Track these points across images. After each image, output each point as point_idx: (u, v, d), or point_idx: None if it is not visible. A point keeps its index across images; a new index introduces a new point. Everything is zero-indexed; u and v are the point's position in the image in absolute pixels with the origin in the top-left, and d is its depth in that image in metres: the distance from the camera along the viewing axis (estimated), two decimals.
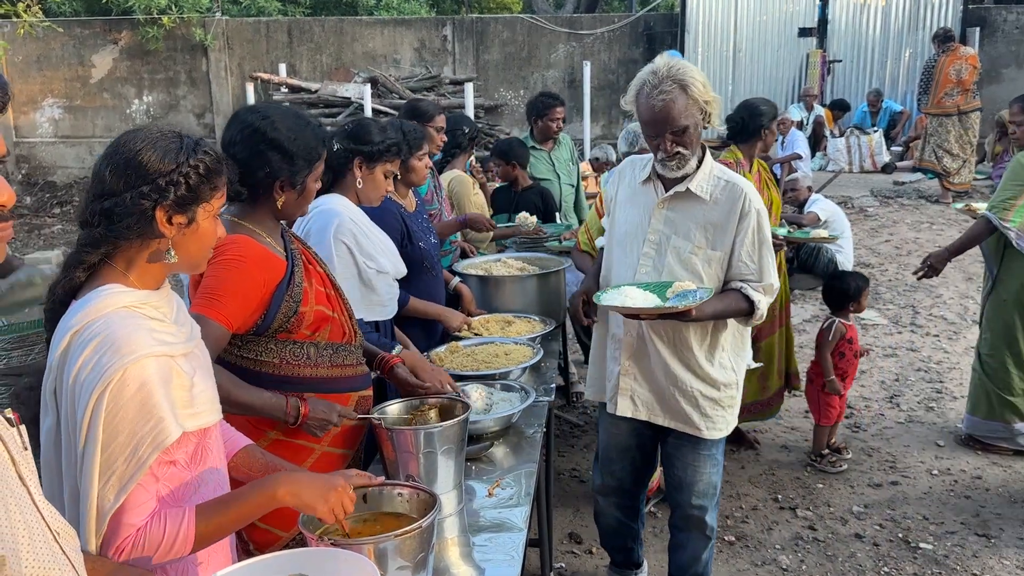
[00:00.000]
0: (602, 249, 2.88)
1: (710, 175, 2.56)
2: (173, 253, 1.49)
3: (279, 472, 1.64)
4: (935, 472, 4.09)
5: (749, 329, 2.74)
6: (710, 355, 2.63)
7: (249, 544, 2.08)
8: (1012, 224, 3.95)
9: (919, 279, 4.28)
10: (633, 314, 2.42)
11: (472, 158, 5.00)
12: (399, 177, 3.09)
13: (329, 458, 2.18)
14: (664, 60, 2.47)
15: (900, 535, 3.58)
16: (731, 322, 2.64)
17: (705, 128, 2.51)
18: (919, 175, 10.41)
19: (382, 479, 1.73)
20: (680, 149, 2.46)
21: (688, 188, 2.54)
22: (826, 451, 4.19)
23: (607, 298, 2.48)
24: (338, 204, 2.61)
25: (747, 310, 2.54)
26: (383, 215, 2.91)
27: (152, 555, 1.41)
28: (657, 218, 2.59)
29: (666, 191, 2.58)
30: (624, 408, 2.74)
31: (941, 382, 5.10)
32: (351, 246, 2.58)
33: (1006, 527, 3.61)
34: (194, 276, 2.06)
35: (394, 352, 2.50)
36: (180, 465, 1.49)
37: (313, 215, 2.54)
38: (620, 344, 2.69)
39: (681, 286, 2.45)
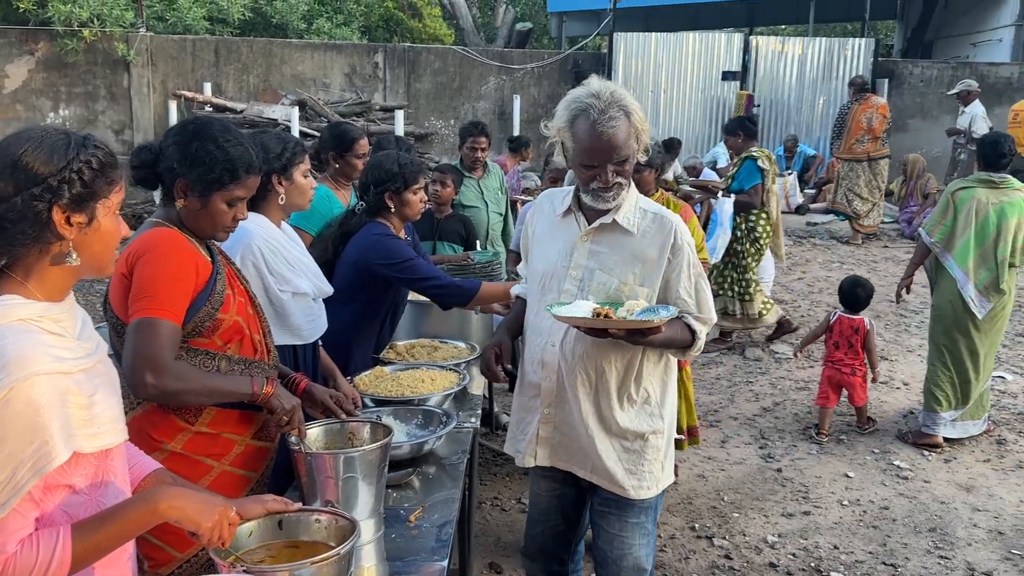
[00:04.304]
0: (517, 299, 2.66)
1: (636, 207, 2.37)
2: (75, 255, 1.43)
3: (162, 485, 1.58)
4: (845, 503, 4.22)
5: (675, 368, 2.53)
6: (631, 401, 2.39)
7: (144, 563, 1.97)
8: (936, 239, 4.78)
9: (897, 301, 5.27)
10: (600, 329, 2.16)
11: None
12: (394, 211, 3.16)
13: (230, 478, 2.10)
14: (603, 84, 2.27)
15: (812, 564, 3.67)
16: (655, 362, 2.42)
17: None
18: (831, 216, 10.86)
19: (299, 505, 1.68)
20: (620, 179, 2.28)
21: (615, 220, 2.34)
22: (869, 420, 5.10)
23: (565, 310, 2.23)
24: (249, 223, 2.52)
25: (689, 341, 2.35)
26: (402, 246, 3.15)
27: None
28: (580, 252, 2.37)
29: (589, 223, 2.38)
30: (543, 457, 2.47)
31: (852, 415, 5.27)
32: (258, 265, 2.50)
33: (912, 556, 3.74)
34: (116, 279, 1.99)
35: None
36: (79, 489, 1.40)
37: None
38: (539, 391, 2.45)
39: (636, 304, 2.23)
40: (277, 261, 2.54)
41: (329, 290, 2.73)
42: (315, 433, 2.16)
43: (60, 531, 1.35)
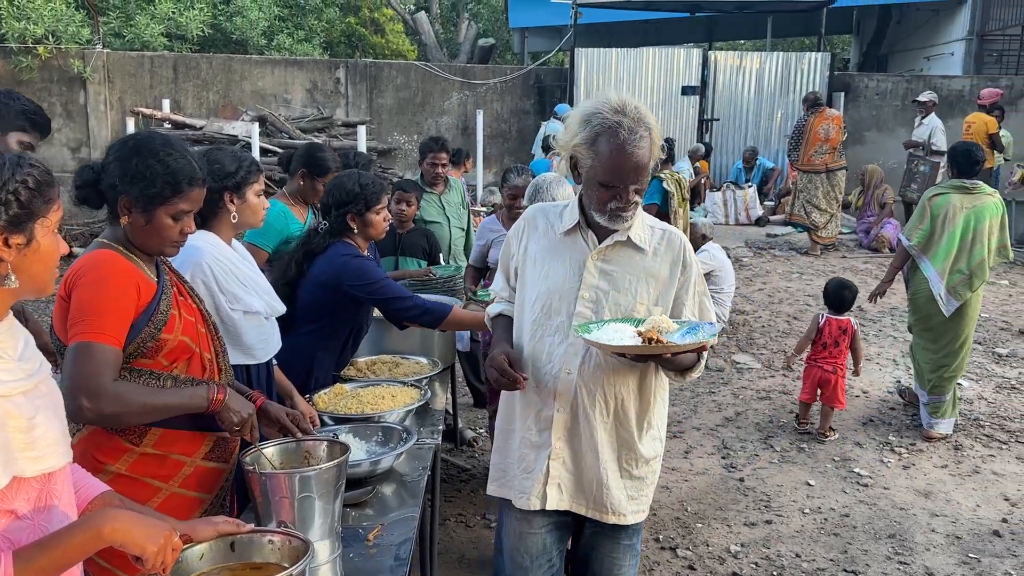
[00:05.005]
0: (498, 317, 2.50)
1: (644, 224, 2.30)
2: (14, 277, 1.40)
3: (107, 508, 1.54)
4: (807, 511, 4.26)
5: (667, 388, 2.43)
6: (644, 427, 2.32)
7: None
8: (914, 242, 5.15)
9: (872, 301, 5.59)
10: (646, 355, 2.05)
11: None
12: (357, 231, 3.12)
13: (179, 500, 2.06)
14: (623, 98, 2.14)
15: (775, 573, 3.69)
16: (661, 384, 2.36)
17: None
18: (790, 228, 11.02)
19: (251, 526, 1.66)
20: (637, 199, 2.18)
21: (628, 237, 2.24)
22: (830, 430, 5.18)
23: (604, 336, 2.09)
24: (200, 240, 2.48)
25: (694, 361, 2.26)
26: (373, 266, 3.14)
27: None
28: (591, 272, 2.25)
29: (599, 241, 2.26)
30: (553, 499, 2.31)
31: (812, 423, 5.33)
32: (208, 284, 2.46)
33: (872, 563, 3.78)
34: (57, 302, 1.95)
35: None
36: (22, 514, 1.37)
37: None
38: (549, 423, 2.29)
39: (657, 321, 2.12)
40: (228, 279, 2.50)
41: (282, 309, 2.70)
42: (271, 452, 2.13)
43: (0, 558, 1.31)
